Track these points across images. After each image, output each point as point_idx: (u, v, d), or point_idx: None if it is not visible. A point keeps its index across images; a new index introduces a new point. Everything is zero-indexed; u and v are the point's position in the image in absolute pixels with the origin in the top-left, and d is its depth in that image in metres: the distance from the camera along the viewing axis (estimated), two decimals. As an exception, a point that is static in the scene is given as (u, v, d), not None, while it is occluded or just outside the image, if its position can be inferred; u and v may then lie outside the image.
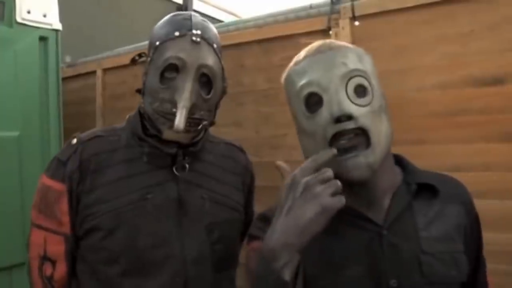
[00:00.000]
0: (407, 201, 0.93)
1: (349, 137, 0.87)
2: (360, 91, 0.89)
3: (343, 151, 0.87)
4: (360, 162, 0.86)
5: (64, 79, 3.12)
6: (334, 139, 0.87)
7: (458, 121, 1.70)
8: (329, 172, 0.80)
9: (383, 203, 0.93)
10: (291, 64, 0.98)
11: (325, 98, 0.88)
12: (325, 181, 0.79)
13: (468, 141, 1.67)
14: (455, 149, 1.70)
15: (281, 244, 0.78)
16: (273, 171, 2.25)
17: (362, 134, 0.87)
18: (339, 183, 0.80)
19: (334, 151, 0.85)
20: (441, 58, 1.75)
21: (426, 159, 1.71)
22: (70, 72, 3.38)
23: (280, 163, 0.88)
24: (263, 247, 0.81)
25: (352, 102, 0.87)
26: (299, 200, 0.79)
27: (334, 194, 0.79)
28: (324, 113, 0.88)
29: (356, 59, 0.92)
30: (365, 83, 0.90)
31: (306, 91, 0.91)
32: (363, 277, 0.88)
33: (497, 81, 1.62)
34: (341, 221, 0.89)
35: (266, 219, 0.95)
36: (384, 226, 0.90)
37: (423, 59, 1.79)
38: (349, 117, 0.86)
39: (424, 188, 0.95)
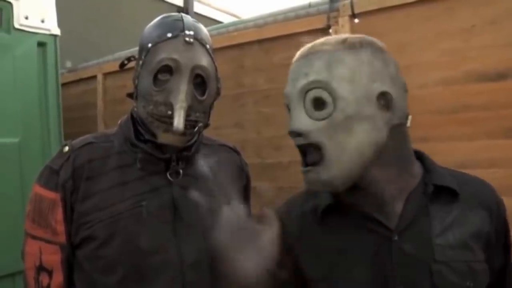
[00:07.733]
0: (422, 204, 0.87)
1: (310, 150, 0.86)
2: (318, 104, 0.84)
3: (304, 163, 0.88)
4: (312, 177, 0.86)
5: (65, 84, 3.12)
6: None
7: (461, 117, 1.68)
8: None
9: (396, 206, 0.87)
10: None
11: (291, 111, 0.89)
12: None
13: (472, 138, 1.65)
14: (459, 146, 1.68)
15: None
16: (275, 172, 2.25)
17: (318, 149, 0.84)
18: None
19: None
20: (443, 54, 1.73)
21: (430, 157, 1.69)
22: (71, 77, 3.39)
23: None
24: None
25: (309, 116, 0.85)
26: None
27: None
28: None
29: (323, 67, 0.84)
30: (324, 95, 0.83)
31: (285, 101, 0.92)
32: (369, 282, 0.84)
33: (500, 76, 1.60)
34: (350, 222, 0.87)
35: None
36: (396, 230, 0.85)
37: (424, 55, 1.77)
38: (298, 134, 0.85)
39: (444, 190, 0.88)
